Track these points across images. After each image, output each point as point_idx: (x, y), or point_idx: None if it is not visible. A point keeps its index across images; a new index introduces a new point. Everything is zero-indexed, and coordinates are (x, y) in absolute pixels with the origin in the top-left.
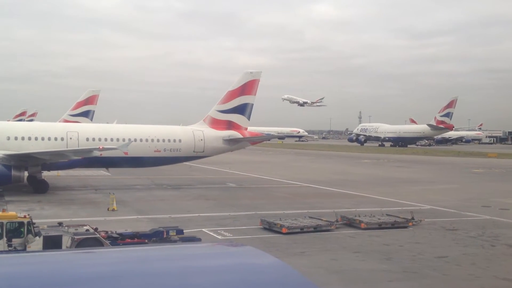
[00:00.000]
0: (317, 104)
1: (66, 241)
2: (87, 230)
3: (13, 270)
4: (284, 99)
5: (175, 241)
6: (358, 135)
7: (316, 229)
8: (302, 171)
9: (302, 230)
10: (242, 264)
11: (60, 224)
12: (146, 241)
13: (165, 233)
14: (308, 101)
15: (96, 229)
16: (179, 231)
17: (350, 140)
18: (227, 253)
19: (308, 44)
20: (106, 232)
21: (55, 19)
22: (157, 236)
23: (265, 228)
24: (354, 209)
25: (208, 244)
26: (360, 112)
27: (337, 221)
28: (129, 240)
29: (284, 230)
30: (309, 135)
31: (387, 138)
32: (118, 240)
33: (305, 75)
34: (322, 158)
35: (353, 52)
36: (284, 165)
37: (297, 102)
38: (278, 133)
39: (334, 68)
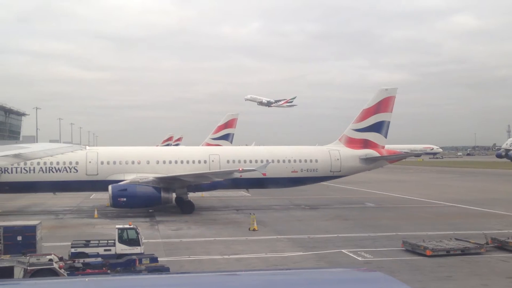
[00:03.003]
0: (287, 104)
1: (18, 272)
2: (50, 260)
3: None
4: (247, 99)
5: (140, 271)
6: (508, 150)
7: (464, 252)
8: (446, 190)
9: (448, 253)
10: None
11: (23, 253)
12: (109, 271)
13: (137, 262)
14: (272, 100)
15: (61, 258)
16: (153, 259)
17: (499, 156)
18: (356, 280)
19: (447, 57)
20: (73, 261)
21: (195, 49)
22: (129, 265)
23: (407, 250)
24: (506, 231)
25: (336, 269)
26: (508, 126)
27: (487, 243)
28: (89, 271)
29: (428, 252)
30: (451, 151)
31: None
32: (79, 270)
33: (444, 89)
34: (468, 175)
35: (497, 63)
36: (425, 184)
37: (261, 102)
38: (411, 150)
39: (476, 80)
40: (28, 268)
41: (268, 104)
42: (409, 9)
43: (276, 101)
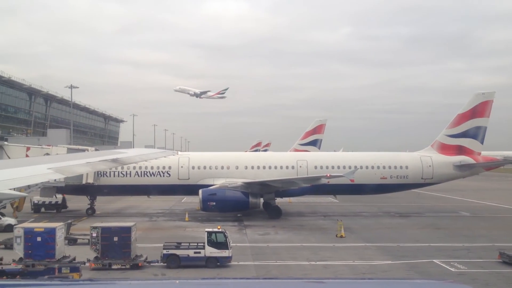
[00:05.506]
0: (218, 96)
1: None
2: None
3: None
4: (176, 91)
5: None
6: None
7: None
8: None
9: None
10: None
11: None
12: (18, 277)
13: (56, 271)
14: (198, 91)
15: None
16: (74, 269)
17: None
18: None
19: None
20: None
21: (286, 56)
22: (49, 273)
23: (504, 262)
24: None
25: (422, 281)
26: None
27: None
28: None
29: None
30: None
31: None
32: None
33: None
34: None
35: None
36: None
37: (189, 93)
38: (505, 157)
39: None
40: None
41: (197, 95)
42: (510, 9)
43: (202, 92)
